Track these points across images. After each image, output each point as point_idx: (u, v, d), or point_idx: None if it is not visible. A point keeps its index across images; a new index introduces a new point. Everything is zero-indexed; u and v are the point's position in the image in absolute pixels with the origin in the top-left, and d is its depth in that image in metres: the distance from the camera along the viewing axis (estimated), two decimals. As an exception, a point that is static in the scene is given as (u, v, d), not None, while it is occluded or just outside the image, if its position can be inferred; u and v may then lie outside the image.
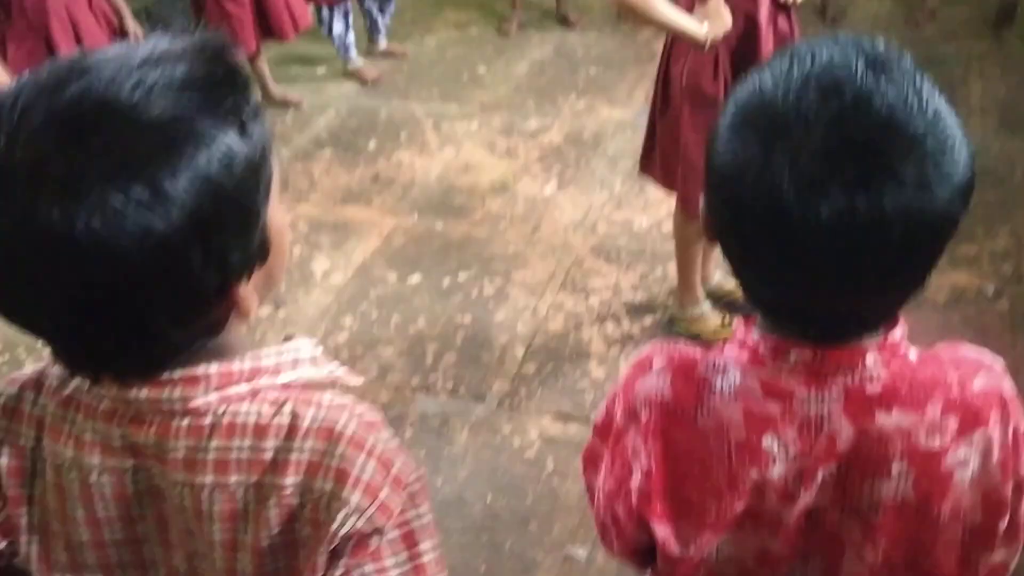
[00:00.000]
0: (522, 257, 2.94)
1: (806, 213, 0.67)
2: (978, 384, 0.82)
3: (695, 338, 2.49)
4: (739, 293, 2.60)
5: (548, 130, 3.62)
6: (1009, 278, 2.63)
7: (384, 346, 2.63)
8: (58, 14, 2.90)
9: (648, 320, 2.64)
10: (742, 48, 2.11)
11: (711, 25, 2.00)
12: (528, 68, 4.13)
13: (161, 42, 0.65)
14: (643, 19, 2.03)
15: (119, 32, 3.11)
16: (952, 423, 0.80)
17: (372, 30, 4.31)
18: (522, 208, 3.18)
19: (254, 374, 0.73)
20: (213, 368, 0.71)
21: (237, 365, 0.72)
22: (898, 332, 0.80)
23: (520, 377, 2.49)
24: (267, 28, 3.65)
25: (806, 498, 0.82)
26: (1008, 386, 0.84)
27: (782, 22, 2.15)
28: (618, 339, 2.58)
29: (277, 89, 4.00)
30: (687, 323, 2.56)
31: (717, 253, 2.55)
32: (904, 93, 0.69)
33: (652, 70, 2.42)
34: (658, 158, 2.31)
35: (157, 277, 0.61)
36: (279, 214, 0.72)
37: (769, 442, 0.82)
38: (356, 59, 4.19)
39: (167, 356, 0.69)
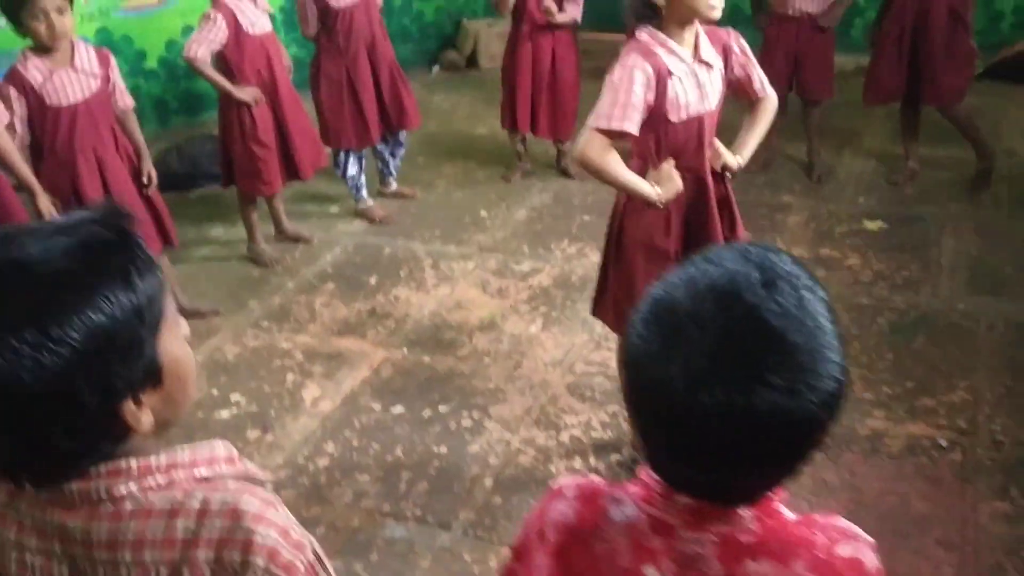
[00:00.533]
0: (501, 392, 3.08)
1: (691, 404, 0.81)
2: (845, 551, 0.91)
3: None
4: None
5: (539, 272, 3.82)
6: (964, 431, 2.73)
7: (361, 472, 2.76)
8: (85, 153, 3.18)
9: (614, 457, 2.75)
10: (694, 206, 2.31)
11: (663, 188, 2.21)
12: (527, 214, 4.38)
13: (75, 215, 0.86)
14: (602, 178, 2.24)
15: (138, 171, 3.37)
16: None
17: (383, 172, 4.61)
18: (507, 345, 3.34)
19: (170, 467, 0.90)
20: (133, 463, 0.88)
21: (155, 460, 0.89)
22: (773, 496, 0.92)
23: (486, 508, 2.59)
24: (291, 169, 3.94)
25: None
26: (873, 561, 0.93)
27: (719, 188, 2.34)
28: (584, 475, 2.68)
29: (290, 226, 4.27)
30: (640, 458, 2.66)
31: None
32: (788, 309, 0.82)
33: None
34: (610, 303, 2.49)
35: (50, 402, 0.80)
36: (175, 347, 0.90)
37: (650, 572, 0.93)
38: (366, 199, 4.47)
39: (69, 464, 0.86)
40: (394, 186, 4.65)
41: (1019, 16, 5.81)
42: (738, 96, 2.35)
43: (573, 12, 4.35)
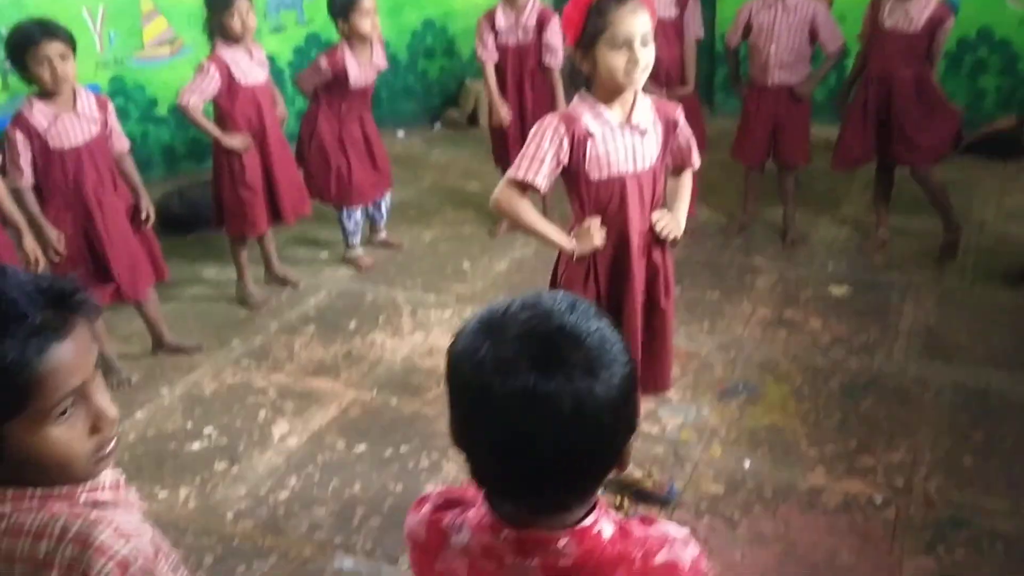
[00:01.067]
0: (461, 435, 3.20)
1: (501, 389, 0.95)
2: (661, 558, 1.05)
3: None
4: (646, 482, 2.84)
5: (512, 323, 3.96)
6: (900, 490, 2.82)
7: (319, 506, 2.87)
8: (86, 194, 3.36)
9: (561, 502, 2.85)
10: (617, 261, 2.44)
11: (580, 242, 2.36)
12: (507, 266, 4.54)
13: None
14: (514, 223, 2.39)
15: (134, 209, 3.55)
16: None
17: (374, 221, 4.80)
18: (472, 391, 3.46)
19: (46, 496, 1.04)
20: (11, 490, 1.03)
21: (30, 490, 1.04)
22: (590, 519, 1.04)
23: (433, 544, 2.69)
24: (275, 214, 4.13)
25: None
26: (689, 554, 1.07)
27: (656, 254, 2.47)
28: (530, 517, 2.79)
29: (279, 269, 4.44)
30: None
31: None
32: (580, 318, 0.99)
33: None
34: None
35: None
36: (35, 441, 1.02)
37: None
38: (357, 248, 4.65)
39: None
40: (383, 235, 4.83)
41: (1001, 94, 5.98)
42: (674, 163, 2.50)
43: (551, 62, 4.56)
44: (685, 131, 2.46)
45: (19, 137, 3.20)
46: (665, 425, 3.19)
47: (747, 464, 2.97)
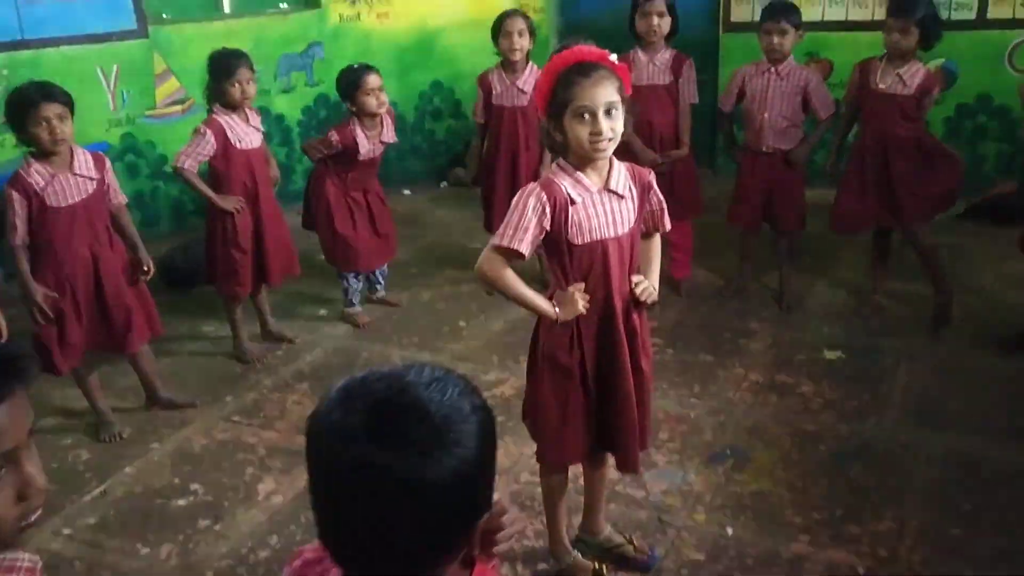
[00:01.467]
0: (446, 497, 3.19)
1: (339, 453, 0.99)
2: None
3: (572, 586, 2.69)
4: (627, 548, 2.82)
5: (504, 383, 3.97)
6: (884, 560, 2.78)
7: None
8: (81, 250, 3.44)
9: (541, 566, 2.84)
10: (602, 326, 2.45)
11: (563, 308, 2.38)
12: (503, 326, 4.55)
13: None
14: (499, 290, 2.41)
15: (133, 263, 3.62)
16: None
17: (372, 279, 4.85)
18: (459, 452, 3.46)
19: None
20: None
21: None
22: None
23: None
24: (263, 275, 4.21)
25: None
26: None
27: (634, 317, 2.48)
28: (509, 581, 2.78)
29: (275, 326, 4.49)
30: (562, 569, 2.76)
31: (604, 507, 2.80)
32: (436, 394, 1.02)
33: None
34: (529, 411, 2.63)
35: None
36: None
37: None
38: (356, 306, 4.69)
39: None
40: (381, 293, 4.88)
41: (1001, 160, 6.00)
42: (646, 227, 2.53)
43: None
44: (658, 194, 2.50)
45: (16, 196, 3.29)
46: (650, 490, 3.18)
47: (730, 531, 2.94)
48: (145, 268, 3.64)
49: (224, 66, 3.97)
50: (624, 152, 4.33)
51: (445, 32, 6.80)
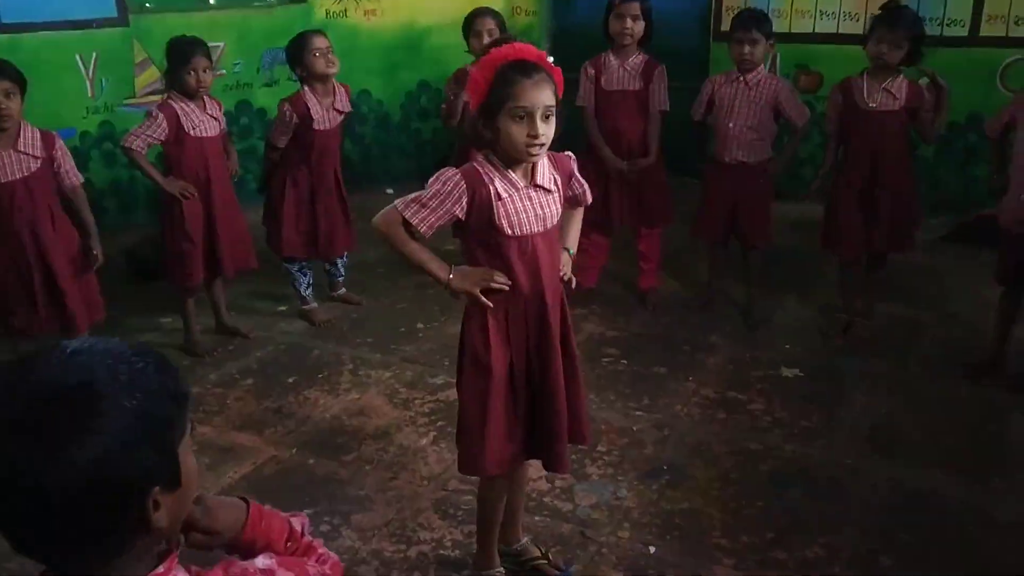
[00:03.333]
0: (369, 501, 3.11)
1: None
2: None
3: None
4: (542, 562, 2.72)
5: (450, 387, 3.86)
6: (807, 588, 2.67)
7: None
8: (21, 228, 3.41)
9: (453, 577, 2.74)
10: (535, 322, 2.36)
11: (459, 277, 2.28)
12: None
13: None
14: (391, 246, 2.32)
15: (83, 249, 3.58)
16: None
17: (333, 276, 4.78)
18: (391, 456, 3.38)
19: None
20: None
21: None
22: None
23: (310, 614, 2.59)
24: (215, 266, 4.13)
25: None
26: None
27: (563, 303, 2.43)
28: (417, 592, 2.69)
29: (229, 320, 4.43)
30: (477, 582, 2.66)
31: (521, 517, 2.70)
32: (81, 375, 0.98)
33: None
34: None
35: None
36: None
37: None
38: (312, 303, 4.62)
39: None
40: (342, 291, 4.80)
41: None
42: (569, 203, 2.45)
43: None
44: (579, 179, 2.46)
45: None
46: (578, 503, 3.07)
47: (653, 550, 2.84)
48: (95, 253, 3.58)
49: (180, 53, 3.92)
50: (591, 159, 4.27)
51: (433, 32, 6.71)
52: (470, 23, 4.54)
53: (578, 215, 2.57)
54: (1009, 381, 3.81)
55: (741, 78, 4.17)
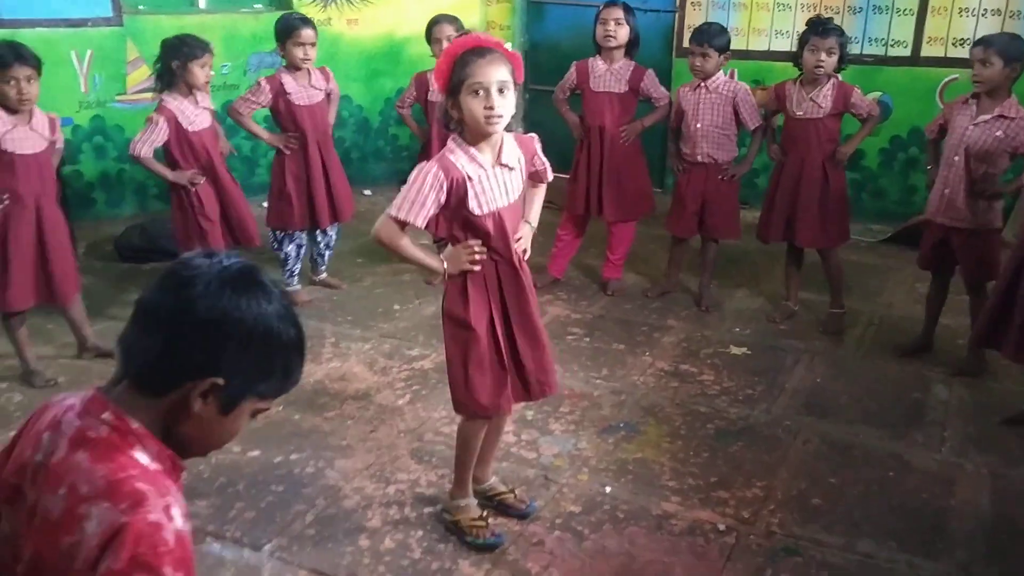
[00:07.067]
0: (351, 449, 3.40)
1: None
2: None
3: (454, 524, 2.89)
4: (508, 496, 3.02)
5: (425, 358, 4.19)
6: (745, 520, 3.00)
7: (200, 499, 3.06)
8: (28, 199, 3.71)
9: (427, 510, 3.04)
10: (508, 280, 2.68)
11: (450, 263, 2.62)
12: (435, 311, 4.70)
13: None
14: (393, 253, 2.65)
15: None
16: None
17: (316, 261, 5.08)
18: (371, 413, 3.68)
19: None
20: None
21: None
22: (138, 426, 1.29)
23: (298, 537, 2.88)
24: (234, 238, 4.47)
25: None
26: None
27: (526, 268, 2.75)
28: (395, 520, 2.98)
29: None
30: (451, 510, 2.95)
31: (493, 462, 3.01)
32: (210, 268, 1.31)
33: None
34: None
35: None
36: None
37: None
38: (295, 285, 4.91)
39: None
40: (323, 275, 5.10)
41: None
42: (531, 180, 2.78)
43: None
44: (541, 157, 2.80)
45: None
46: (542, 453, 3.39)
47: (608, 489, 3.16)
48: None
49: (185, 49, 4.18)
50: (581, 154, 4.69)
51: (412, 41, 7.02)
52: (430, 31, 4.88)
53: (540, 191, 2.89)
54: (935, 360, 4.19)
55: (702, 84, 4.56)
